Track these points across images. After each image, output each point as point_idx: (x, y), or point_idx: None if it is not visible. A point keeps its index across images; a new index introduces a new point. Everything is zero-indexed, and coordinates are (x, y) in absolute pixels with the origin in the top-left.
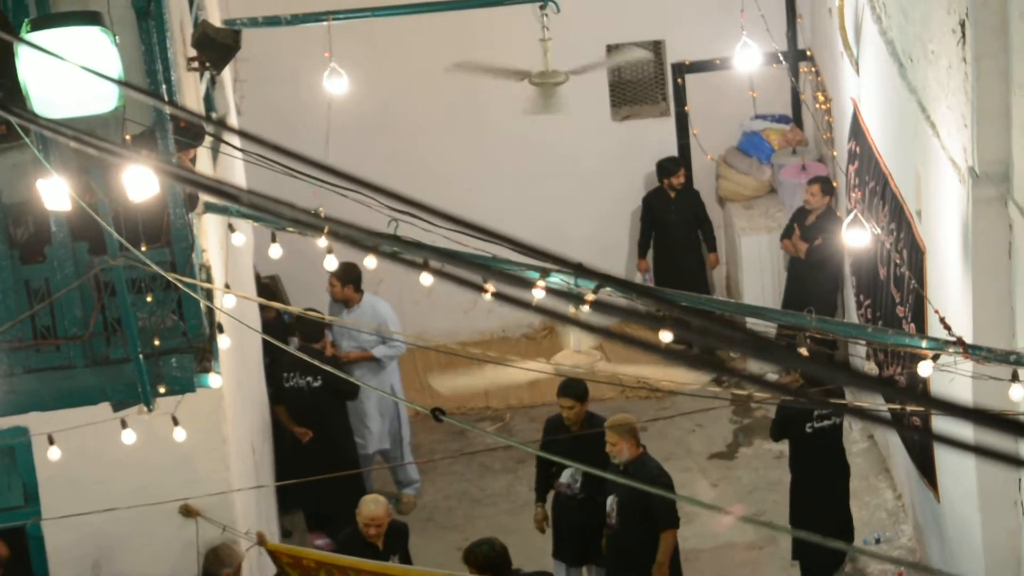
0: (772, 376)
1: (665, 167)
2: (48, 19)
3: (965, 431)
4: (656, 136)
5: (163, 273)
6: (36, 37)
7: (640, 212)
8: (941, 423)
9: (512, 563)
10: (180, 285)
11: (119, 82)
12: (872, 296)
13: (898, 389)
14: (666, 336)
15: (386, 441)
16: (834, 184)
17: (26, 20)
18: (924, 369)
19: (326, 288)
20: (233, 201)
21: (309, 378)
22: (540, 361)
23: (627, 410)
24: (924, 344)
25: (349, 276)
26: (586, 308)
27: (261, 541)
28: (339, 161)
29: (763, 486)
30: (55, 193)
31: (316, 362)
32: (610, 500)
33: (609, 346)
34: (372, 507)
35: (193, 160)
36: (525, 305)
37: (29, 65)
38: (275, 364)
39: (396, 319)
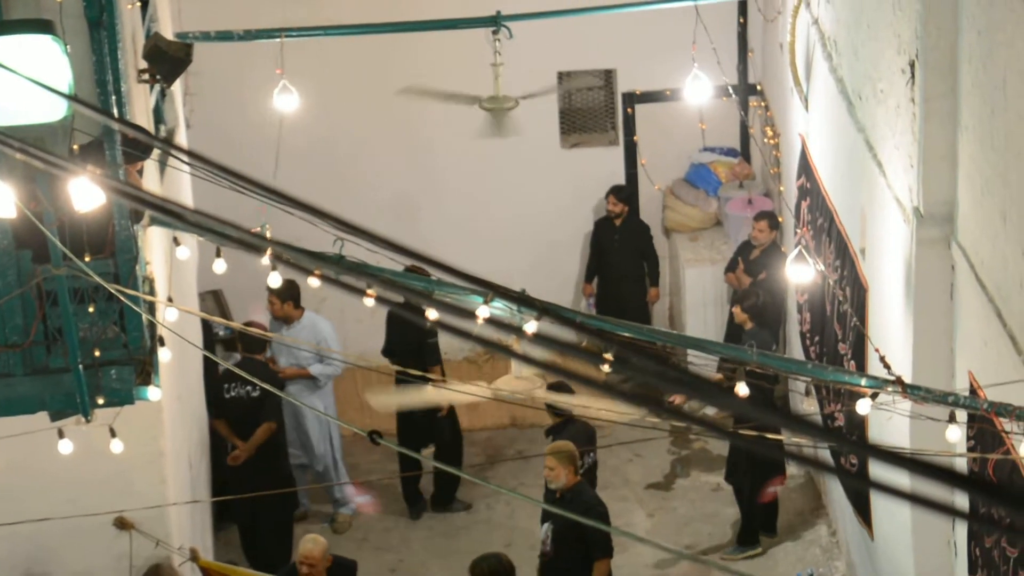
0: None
1: (607, 194)
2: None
3: (900, 477)
4: (604, 165)
5: (106, 285)
6: None
7: (591, 238)
8: (877, 467)
9: None
10: (122, 297)
11: (67, 96)
12: (820, 333)
13: (832, 434)
14: (606, 368)
15: (324, 460)
16: (779, 219)
17: None
18: (862, 407)
19: (266, 307)
20: (177, 219)
21: (249, 387)
22: (480, 385)
23: None
24: (863, 382)
25: (288, 293)
26: (528, 336)
27: (194, 557)
28: (286, 178)
29: (699, 518)
30: (0, 200)
31: (249, 376)
32: (545, 527)
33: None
34: (309, 546)
35: (140, 172)
36: (465, 335)
37: None
38: (214, 376)
39: (336, 339)
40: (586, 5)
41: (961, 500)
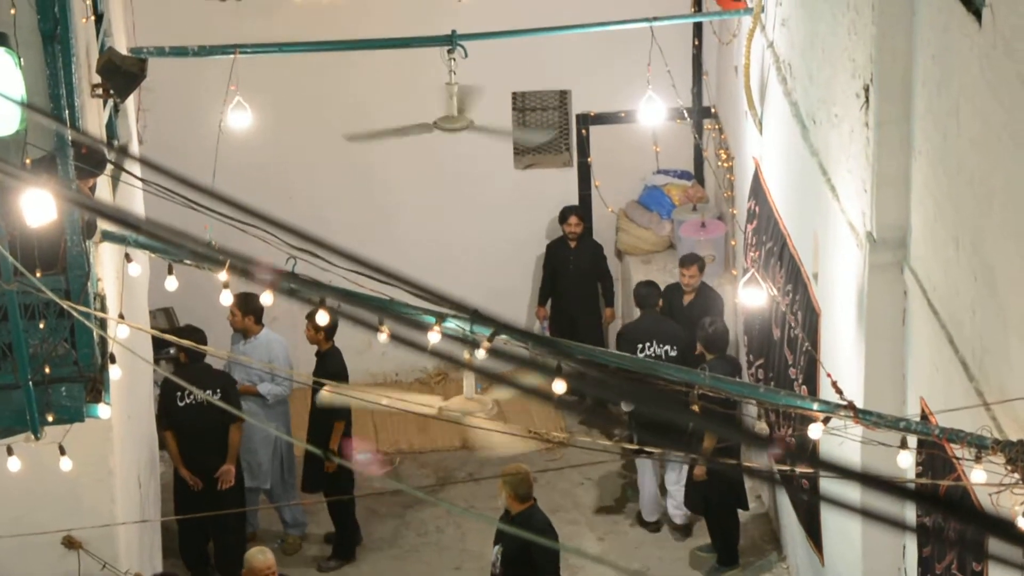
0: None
1: (560, 214)
2: None
3: (852, 493)
4: (558, 186)
5: (58, 300)
6: None
7: (543, 259)
8: (829, 485)
9: None
10: (75, 313)
11: (24, 104)
12: (764, 356)
13: (789, 451)
14: (559, 387)
15: (266, 480)
16: (712, 258)
17: None
18: (814, 432)
19: (227, 316)
20: (134, 230)
21: (208, 392)
22: (431, 406)
23: (516, 460)
24: (815, 407)
25: (249, 306)
26: (481, 355)
27: None
28: (235, 196)
29: (649, 542)
30: None
31: (191, 387)
32: (496, 549)
33: (500, 394)
34: (260, 558)
35: (92, 188)
36: (421, 348)
37: None
38: (165, 387)
39: (288, 360)
40: (542, 25)
41: (910, 516)
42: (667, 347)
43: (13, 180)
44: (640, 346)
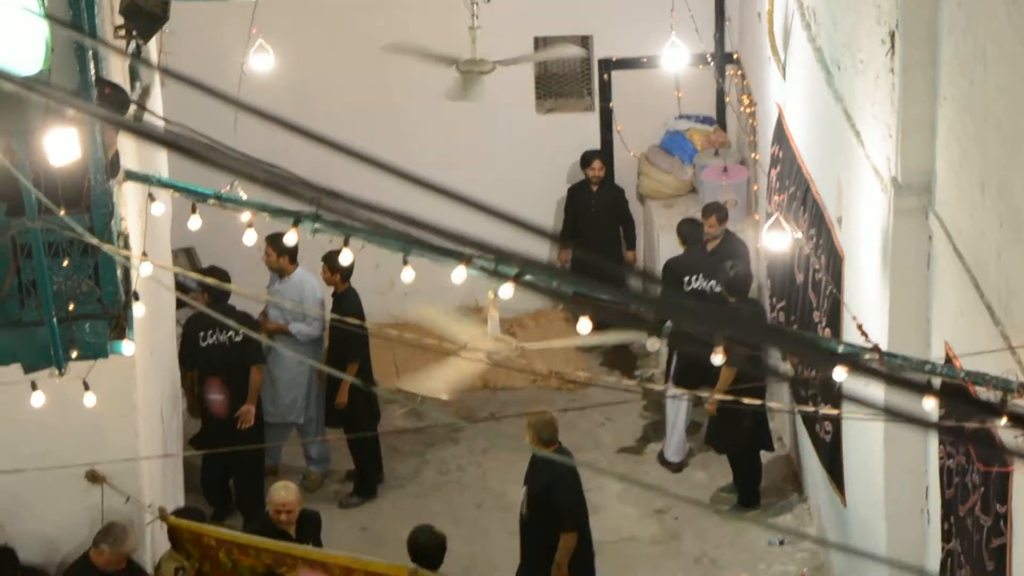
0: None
1: (583, 158)
2: None
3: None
4: (580, 130)
5: (85, 234)
6: None
7: (564, 203)
8: (852, 424)
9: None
10: (104, 247)
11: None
12: (786, 299)
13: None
14: (584, 326)
15: (300, 415)
16: (734, 203)
17: None
18: (839, 374)
19: (261, 257)
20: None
21: (231, 334)
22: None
23: (539, 400)
24: (840, 349)
25: (283, 246)
26: (505, 293)
27: (163, 516)
28: (257, 137)
29: (670, 482)
30: None
31: (226, 320)
32: (524, 490)
33: (524, 335)
34: (283, 493)
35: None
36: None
37: None
38: (187, 328)
39: (319, 300)
40: None
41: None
42: (712, 282)
43: (38, 119)
44: (687, 279)
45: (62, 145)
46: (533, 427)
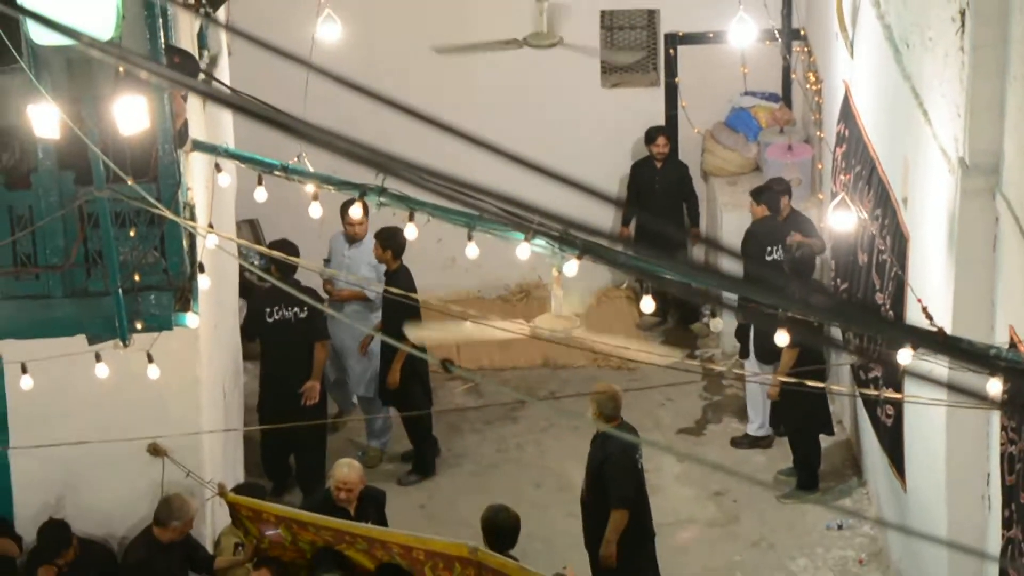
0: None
1: (647, 134)
2: None
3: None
4: (645, 105)
5: (155, 204)
6: None
7: (627, 180)
8: (912, 411)
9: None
10: (176, 217)
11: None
12: (849, 280)
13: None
14: (647, 305)
15: (368, 388)
16: (798, 181)
17: None
18: (903, 358)
19: (347, 225)
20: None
21: (296, 309)
22: (519, 323)
23: (599, 378)
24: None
25: (390, 241)
26: (570, 271)
27: (222, 492)
28: (324, 109)
29: (729, 464)
30: (45, 120)
31: (296, 293)
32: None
33: (587, 314)
34: (345, 471)
35: (185, 97)
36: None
37: None
38: (253, 302)
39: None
40: None
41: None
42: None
43: (107, 87)
44: (768, 249)
45: (131, 114)
46: (597, 401)
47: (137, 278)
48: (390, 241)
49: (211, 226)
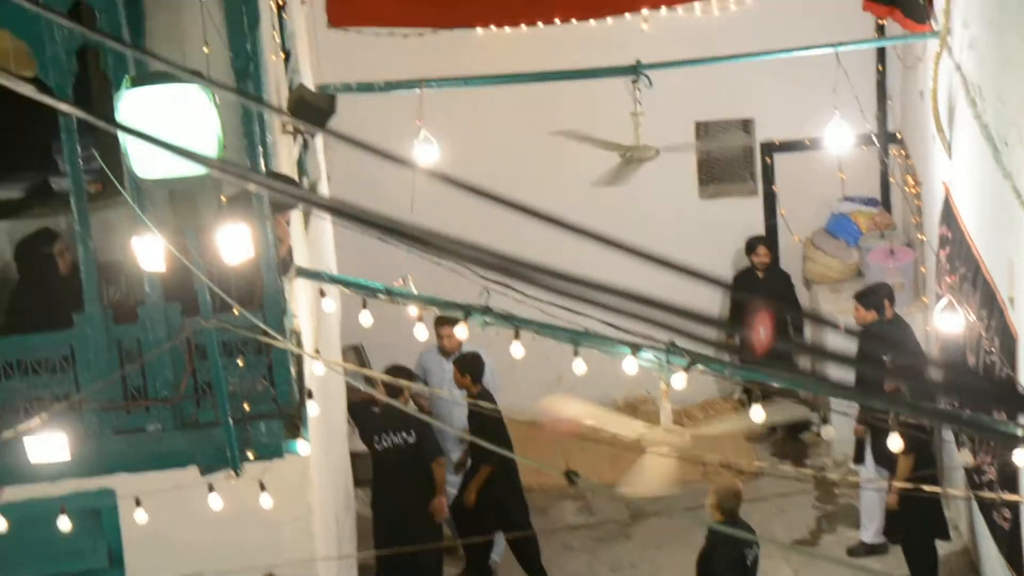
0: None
1: (748, 244)
2: (148, 76)
3: None
4: (744, 215)
5: (266, 331)
6: (136, 94)
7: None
8: None
9: None
10: (287, 344)
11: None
12: None
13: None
14: (758, 415)
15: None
16: (900, 285)
17: (126, 77)
18: (1019, 457)
19: (444, 339)
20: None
21: (404, 434)
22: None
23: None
24: (1020, 432)
25: (469, 367)
26: (679, 384)
27: None
28: (428, 225)
29: (847, 575)
30: (150, 252)
31: (405, 408)
32: None
33: (691, 426)
34: None
35: (288, 222)
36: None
37: (128, 123)
38: (363, 430)
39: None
40: (724, 53)
41: None
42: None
43: (209, 218)
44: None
45: (236, 243)
46: (718, 494)
47: (247, 407)
48: (469, 367)
49: (318, 352)
